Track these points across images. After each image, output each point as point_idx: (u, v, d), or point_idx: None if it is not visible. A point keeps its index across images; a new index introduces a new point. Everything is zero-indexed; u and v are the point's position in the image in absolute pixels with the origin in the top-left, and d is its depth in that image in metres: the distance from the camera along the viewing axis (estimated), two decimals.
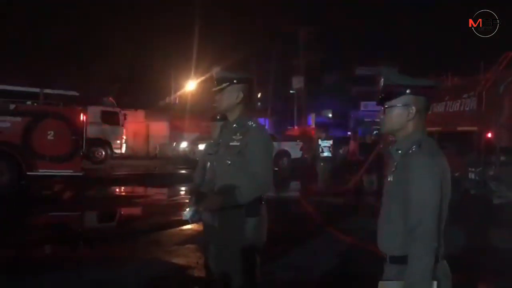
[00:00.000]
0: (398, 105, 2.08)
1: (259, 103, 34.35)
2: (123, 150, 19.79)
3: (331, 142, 12.03)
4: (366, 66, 38.01)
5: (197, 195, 4.59)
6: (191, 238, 7.23)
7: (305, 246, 6.79)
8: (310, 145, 18.83)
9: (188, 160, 20.37)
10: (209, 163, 4.65)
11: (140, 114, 24.07)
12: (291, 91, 33.36)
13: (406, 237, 1.97)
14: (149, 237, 7.17)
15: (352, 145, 18.23)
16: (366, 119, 32.06)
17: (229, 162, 2.86)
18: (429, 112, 8.30)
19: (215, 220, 3.06)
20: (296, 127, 29.90)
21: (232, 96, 2.93)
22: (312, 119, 31.49)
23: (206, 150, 4.92)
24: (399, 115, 2.08)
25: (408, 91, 2.07)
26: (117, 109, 19.95)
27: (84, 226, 8.64)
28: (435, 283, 1.92)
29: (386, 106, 2.12)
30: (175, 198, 11.63)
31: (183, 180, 14.78)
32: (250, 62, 31.81)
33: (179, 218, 8.63)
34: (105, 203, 10.40)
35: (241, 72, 3.10)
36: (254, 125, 2.92)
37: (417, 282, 1.89)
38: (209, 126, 4.38)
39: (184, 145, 21.38)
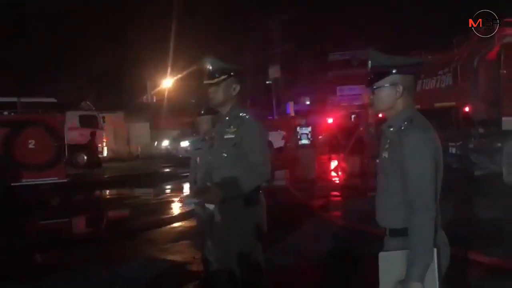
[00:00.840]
0: (386, 85, 2.16)
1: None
2: (105, 153, 19.63)
3: (309, 129, 11.99)
4: (339, 51, 38.33)
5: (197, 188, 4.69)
6: (184, 234, 7.28)
7: (300, 231, 6.91)
8: (292, 133, 18.99)
9: (171, 157, 20.37)
10: (198, 158, 4.72)
11: (119, 115, 23.84)
12: (267, 82, 33.39)
13: (406, 210, 2.06)
14: (142, 237, 7.20)
15: (333, 129, 18.39)
16: (342, 104, 32.31)
17: (225, 155, 2.89)
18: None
19: (215, 212, 3.05)
20: (276, 117, 29.99)
21: (229, 89, 2.93)
22: (290, 108, 31.60)
23: (194, 146, 4.96)
24: (388, 94, 2.17)
25: (394, 71, 2.15)
26: (95, 113, 19.76)
27: (77, 230, 8.59)
28: (435, 250, 2.03)
29: (374, 87, 2.20)
30: (162, 196, 11.62)
31: (168, 178, 14.79)
32: (225, 55, 31.79)
33: (170, 216, 8.71)
34: (94, 206, 10.33)
35: (231, 62, 3.07)
36: (247, 116, 2.94)
37: (420, 251, 1.98)
38: (190, 122, 4.41)
39: (166, 143, 21.31)
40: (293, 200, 9.54)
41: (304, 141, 12.43)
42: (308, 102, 39.09)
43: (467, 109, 8.81)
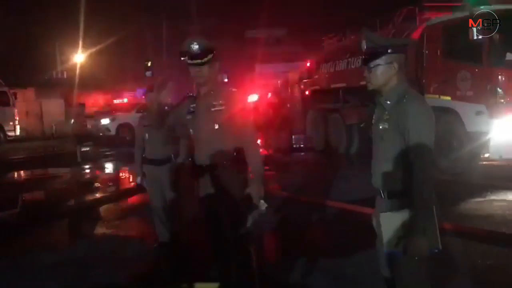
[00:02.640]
0: (382, 63, 2.41)
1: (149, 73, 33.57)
2: (17, 132, 18.42)
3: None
4: (255, 29, 38.73)
5: (142, 162, 4.86)
6: (130, 211, 7.24)
7: None
8: None
9: (91, 136, 19.54)
10: (147, 134, 4.80)
11: (30, 92, 22.34)
12: (182, 58, 32.89)
13: (404, 174, 2.34)
14: (86, 216, 7.01)
15: (257, 107, 18.60)
16: (261, 81, 32.83)
17: (217, 127, 3.02)
18: (333, 71, 9.08)
19: (208, 181, 3.12)
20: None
21: (214, 67, 3.07)
22: None
23: (141, 122, 4.98)
24: (384, 72, 2.42)
25: (389, 50, 2.41)
26: (5, 88, 18.38)
27: (10, 212, 8.08)
28: (433, 207, 2.34)
29: (371, 65, 2.43)
30: (98, 174, 11.27)
31: (89, 157, 14.27)
32: (144, 31, 30.82)
33: (110, 193, 8.55)
34: (21, 188, 9.79)
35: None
36: (234, 90, 3.21)
37: (422, 208, 2.27)
38: (108, 99, 4.56)
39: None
40: None
41: None
42: (226, 80, 39.15)
43: None
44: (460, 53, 7.97)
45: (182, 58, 3.00)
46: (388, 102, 2.42)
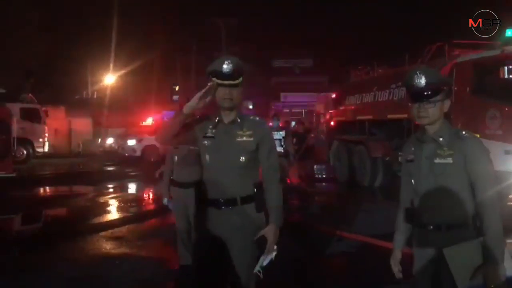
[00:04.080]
0: (440, 100, 2.46)
1: (176, 97, 34.13)
2: (46, 148, 18.86)
3: (282, 133, 8.59)
4: (283, 58, 39.21)
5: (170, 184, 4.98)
6: (152, 232, 7.31)
7: None
8: None
9: (114, 156, 19.92)
10: (176, 157, 4.90)
11: (61, 110, 22.94)
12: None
13: (466, 207, 2.41)
14: (108, 235, 7.09)
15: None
16: (285, 110, 33.07)
17: (243, 159, 2.75)
18: (359, 102, 9.07)
19: (230, 215, 2.75)
20: None
21: (242, 90, 2.76)
22: (245, 110, 31.88)
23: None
24: (440, 108, 2.47)
25: (445, 87, 2.48)
26: (38, 106, 18.94)
27: (36, 227, 8.23)
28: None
29: (432, 101, 2.45)
30: (120, 194, 11.39)
31: (114, 177, 14.49)
32: (172, 56, 31.47)
33: (133, 214, 8.63)
34: (50, 203, 9.98)
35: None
36: (257, 118, 2.92)
37: (497, 237, 2.34)
38: (134, 120, 4.41)
39: (110, 140, 20.79)
40: None
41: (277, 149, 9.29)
42: (251, 107, 39.57)
43: None
44: (490, 91, 7.92)
45: (212, 83, 2.66)
46: (442, 139, 2.46)
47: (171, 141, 2.96)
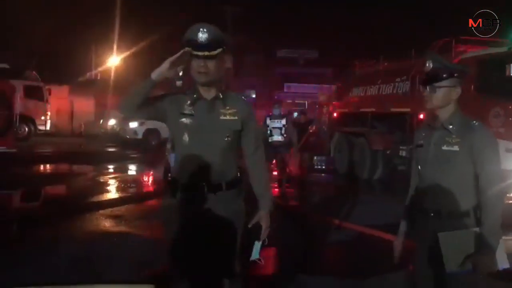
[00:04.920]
0: (447, 86, 2.45)
1: (179, 82, 33.94)
2: (48, 127, 18.89)
3: (283, 121, 8.65)
4: (288, 49, 39.08)
5: None
6: (151, 212, 7.34)
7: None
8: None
9: (116, 137, 19.92)
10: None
11: (64, 89, 22.94)
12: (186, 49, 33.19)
13: (470, 195, 2.43)
14: (107, 213, 7.13)
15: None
16: (288, 100, 33.00)
17: (228, 139, 2.52)
18: (363, 95, 9.04)
19: (213, 204, 2.51)
20: None
21: (222, 63, 2.51)
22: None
23: None
24: (447, 95, 2.46)
25: (456, 74, 2.47)
26: (41, 84, 18.94)
27: (34, 205, 8.28)
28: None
29: (436, 86, 2.45)
30: (121, 174, 11.44)
31: (114, 158, 14.53)
32: (176, 39, 31.29)
33: (129, 194, 8.69)
34: (45, 181, 10.03)
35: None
36: (243, 97, 2.78)
37: (494, 227, 2.34)
38: None
39: (112, 122, 20.78)
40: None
41: (276, 137, 8.84)
42: (254, 96, 39.48)
43: (421, 116, 9.42)
44: (494, 89, 7.91)
45: (186, 49, 2.38)
46: (451, 126, 2.47)
47: (135, 112, 2.54)
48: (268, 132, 8.82)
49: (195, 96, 2.50)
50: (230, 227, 2.51)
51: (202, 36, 2.35)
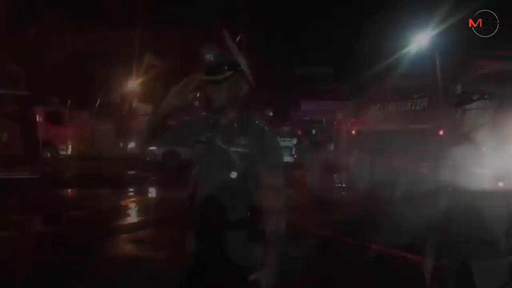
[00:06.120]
0: (477, 108, 2.43)
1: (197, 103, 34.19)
2: (69, 151, 19.19)
3: (294, 141, 7.36)
4: (305, 67, 39.27)
5: None
6: (173, 237, 7.35)
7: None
8: None
9: (136, 160, 20.09)
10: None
11: (84, 114, 23.34)
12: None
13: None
14: (128, 238, 7.18)
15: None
16: (305, 118, 33.01)
17: (234, 176, 2.31)
18: (381, 112, 8.99)
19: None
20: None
21: (236, 87, 2.33)
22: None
23: None
24: (479, 117, 2.44)
25: (486, 96, 2.45)
26: (62, 109, 19.32)
27: (57, 228, 8.37)
28: None
29: (467, 108, 2.44)
30: (140, 198, 11.50)
31: (135, 181, 14.63)
32: (191, 59, 31.69)
33: (150, 218, 8.72)
34: (66, 205, 10.13)
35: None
36: (261, 124, 2.41)
37: None
38: None
39: (132, 145, 21.01)
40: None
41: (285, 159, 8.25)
42: (271, 114, 39.59)
43: (441, 132, 9.32)
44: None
45: (191, 76, 2.27)
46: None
47: (152, 145, 2.47)
48: None
49: (211, 121, 2.34)
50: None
51: (209, 61, 2.23)
